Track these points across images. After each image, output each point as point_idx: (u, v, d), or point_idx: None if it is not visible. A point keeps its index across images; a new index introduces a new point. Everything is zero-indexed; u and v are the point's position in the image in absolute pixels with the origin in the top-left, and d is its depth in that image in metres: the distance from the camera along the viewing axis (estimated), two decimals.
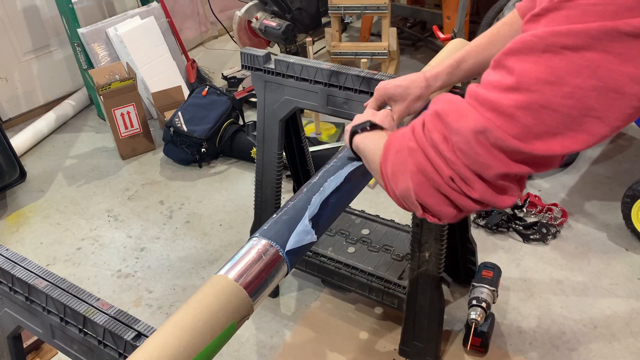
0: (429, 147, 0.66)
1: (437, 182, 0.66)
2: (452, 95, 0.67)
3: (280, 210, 0.93)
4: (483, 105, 0.61)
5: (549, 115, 0.57)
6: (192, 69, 3.53)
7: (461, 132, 0.62)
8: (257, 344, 1.92)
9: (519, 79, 0.58)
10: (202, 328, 0.71)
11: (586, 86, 0.55)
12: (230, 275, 0.79)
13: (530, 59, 0.58)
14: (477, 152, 0.62)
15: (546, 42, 0.56)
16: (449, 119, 0.64)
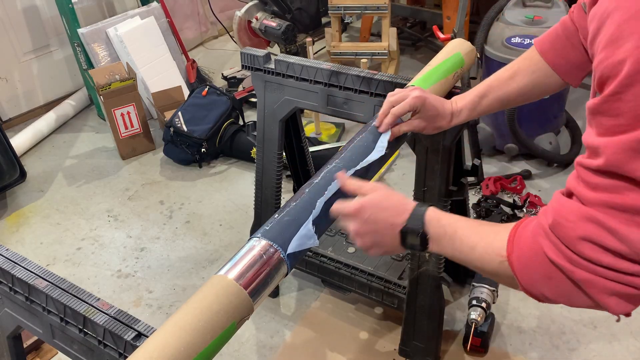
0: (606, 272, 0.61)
1: (635, 294, 0.62)
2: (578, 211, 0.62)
3: (281, 211, 0.93)
4: (626, 212, 0.58)
5: None
6: (192, 69, 3.53)
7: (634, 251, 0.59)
8: (257, 344, 1.92)
9: None
10: (202, 328, 0.71)
11: None
12: (230, 275, 0.79)
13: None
14: None
15: None
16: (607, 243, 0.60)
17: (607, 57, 0.55)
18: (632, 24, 0.52)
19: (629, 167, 0.55)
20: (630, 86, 0.52)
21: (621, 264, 0.60)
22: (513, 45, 2.43)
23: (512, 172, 2.62)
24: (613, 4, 0.55)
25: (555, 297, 0.69)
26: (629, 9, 0.52)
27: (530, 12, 2.47)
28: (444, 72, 1.28)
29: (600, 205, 0.59)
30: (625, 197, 0.57)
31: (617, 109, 0.54)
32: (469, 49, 1.36)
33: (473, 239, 0.79)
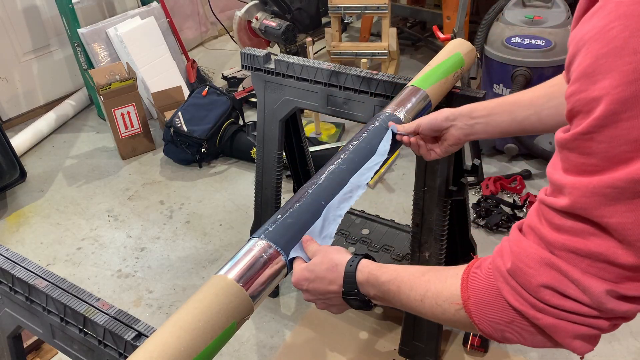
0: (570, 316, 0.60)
1: (601, 333, 0.61)
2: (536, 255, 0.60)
3: (281, 211, 0.93)
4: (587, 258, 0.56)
5: None
6: (192, 69, 3.53)
7: (595, 301, 0.58)
8: (257, 344, 1.92)
9: (622, 234, 0.52)
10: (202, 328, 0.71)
11: None
12: (230, 276, 0.79)
13: (620, 209, 0.51)
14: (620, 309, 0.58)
15: (631, 190, 0.50)
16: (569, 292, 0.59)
17: (580, 90, 0.52)
18: (610, 60, 0.49)
19: (597, 212, 0.53)
20: (605, 127, 0.50)
21: (584, 309, 0.59)
22: (513, 45, 2.43)
23: (512, 172, 2.62)
24: (590, 33, 0.52)
25: (518, 340, 0.66)
26: (607, 43, 0.50)
27: (530, 12, 2.47)
28: (444, 72, 1.28)
29: (562, 250, 0.57)
30: (588, 242, 0.55)
31: (588, 148, 0.52)
32: (469, 49, 1.36)
33: (419, 290, 0.75)
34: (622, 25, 0.48)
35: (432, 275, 0.75)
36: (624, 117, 0.49)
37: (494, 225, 2.29)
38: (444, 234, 1.60)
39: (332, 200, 0.95)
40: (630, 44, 0.48)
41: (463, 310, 0.69)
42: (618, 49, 0.48)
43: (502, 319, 0.65)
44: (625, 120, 0.49)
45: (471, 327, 0.70)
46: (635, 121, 0.48)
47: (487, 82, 2.66)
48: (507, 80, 2.51)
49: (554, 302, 0.60)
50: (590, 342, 0.62)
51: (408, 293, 0.76)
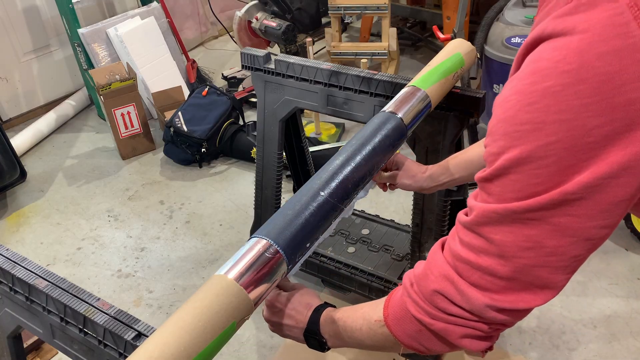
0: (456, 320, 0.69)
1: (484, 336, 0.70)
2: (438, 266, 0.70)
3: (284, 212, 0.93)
4: (478, 270, 0.65)
5: (542, 271, 0.62)
6: (192, 69, 3.53)
7: (474, 311, 0.67)
8: (257, 344, 1.92)
9: (502, 248, 0.63)
10: (202, 328, 0.71)
11: (564, 244, 0.60)
12: (230, 275, 0.79)
13: (503, 229, 0.62)
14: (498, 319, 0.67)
15: (511, 217, 0.61)
16: (455, 299, 0.68)
17: (487, 144, 0.64)
18: (504, 126, 0.61)
19: (486, 228, 0.64)
20: (498, 177, 0.62)
21: (466, 314, 0.68)
22: (513, 45, 2.44)
23: None
24: (499, 98, 0.63)
25: (432, 346, 0.75)
26: (505, 111, 0.61)
27: (530, 12, 2.47)
28: (444, 73, 1.28)
29: (461, 261, 0.67)
30: (479, 258, 0.65)
31: (488, 188, 0.64)
32: (469, 49, 1.36)
33: (358, 321, 0.84)
34: (515, 100, 0.59)
35: (367, 306, 0.85)
36: (511, 171, 0.60)
37: None
38: (443, 234, 1.60)
39: None
40: (518, 116, 0.59)
41: (385, 327, 0.78)
42: (510, 118, 0.60)
43: (413, 329, 0.74)
44: (512, 174, 0.60)
45: (396, 344, 0.78)
46: (519, 176, 0.59)
47: (487, 82, 2.66)
48: (507, 81, 2.51)
49: (442, 306, 0.69)
50: (479, 340, 0.71)
51: (351, 325, 0.85)
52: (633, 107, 0.53)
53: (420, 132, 1.49)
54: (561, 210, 0.58)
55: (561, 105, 0.55)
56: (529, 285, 0.64)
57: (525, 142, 0.58)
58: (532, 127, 0.57)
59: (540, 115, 0.57)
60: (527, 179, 0.59)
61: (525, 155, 0.58)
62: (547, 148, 0.56)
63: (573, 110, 0.55)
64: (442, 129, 1.45)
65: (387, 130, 1.11)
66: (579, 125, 0.54)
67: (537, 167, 0.58)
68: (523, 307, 0.65)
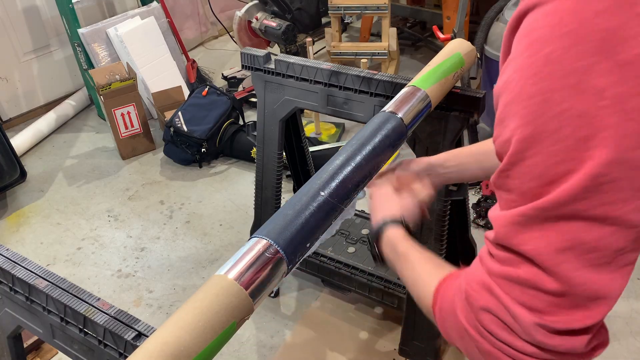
0: (504, 347, 0.62)
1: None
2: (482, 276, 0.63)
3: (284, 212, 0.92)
4: (518, 285, 0.58)
5: (590, 272, 0.55)
6: (192, 69, 3.53)
7: (525, 332, 0.59)
8: (257, 344, 1.92)
9: (539, 260, 0.56)
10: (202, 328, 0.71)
11: (605, 235, 0.54)
12: (230, 275, 0.79)
13: (534, 235, 0.56)
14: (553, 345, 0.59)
15: (539, 217, 0.55)
16: (504, 318, 0.61)
17: (497, 135, 0.59)
18: (512, 107, 0.56)
19: (515, 240, 0.57)
20: (515, 165, 0.56)
21: (517, 341, 0.60)
22: None
23: None
24: (500, 85, 0.59)
25: (468, 355, 0.70)
26: (510, 92, 0.57)
27: None
28: (444, 72, 1.28)
29: (499, 277, 0.60)
30: (518, 269, 0.58)
31: (507, 185, 0.58)
32: (469, 49, 1.36)
33: (414, 276, 0.82)
34: (518, 76, 0.56)
35: (429, 267, 0.81)
36: (527, 154, 0.55)
37: None
38: (444, 234, 1.60)
39: None
40: (525, 91, 0.55)
41: (431, 308, 0.74)
42: (516, 96, 0.56)
43: (456, 333, 0.69)
44: (529, 158, 0.55)
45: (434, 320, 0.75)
46: (537, 158, 0.54)
47: (487, 82, 2.66)
48: None
49: (492, 328, 0.62)
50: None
51: (408, 273, 0.84)
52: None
53: (420, 132, 1.49)
54: (595, 199, 0.52)
55: (565, 69, 0.51)
56: (581, 298, 0.56)
57: (537, 117, 0.53)
58: (541, 99, 0.53)
59: (546, 84, 0.52)
60: (546, 160, 0.53)
61: (539, 130, 0.53)
62: (560, 118, 0.52)
63: (578, 72, 0.51)
64: (442, 129, 1.45)
65: (387, 130, 1.11)
66: (589, 87, 0.50)
67: (552, 142, 0.52)
68: (576, 326, 0.57)
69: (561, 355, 0.60)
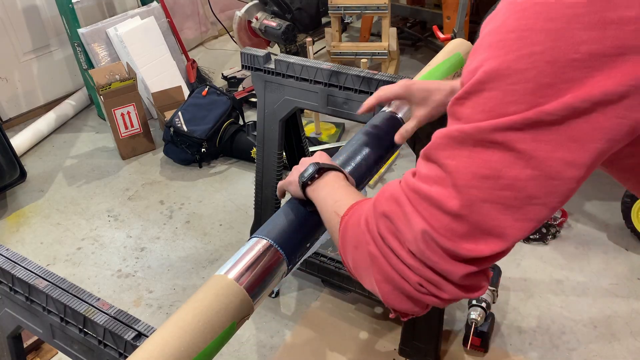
0: (389, 253, 0.63)
1: (406, 289, 0.63)
2: (394, 190, 0.64)
3: (283, 212, 0.93)
4: (424, 201, 0.59)
5: (493, 208, 0.56)
6: (192, 69, 3.53)
7: (412, 240, 0.60)
8: (257, 344, 1.92)
9: (454, 176, 0.56)
10: (202, 328, 0.71)
11: (524, 176, 0.54)
12: (230, 275, 0.79)
13: (463, 153, 0.56)
14: (432, 259, 0.59)
15: (475, 138, 0.55)
16: (398, 224, 0.62)
17: (468, 64, 0.58)
18: (491, 37, 0.56)
19: (443, 152, 0.58)
20: (472, 94, 0.56)
21: (402, 250, 0.61)
22: None
23: None
24: (490, 16, 0.59)
25: (355, 268, 0.70)
26: (495, 22, 0.56)
27: None
28: (444, 72, 1.28)
29: (411, 190, 0.61)
30: (430, 188, 0.59)
31: (459, 113, 0.57)
32: (469, 49, 1.36)
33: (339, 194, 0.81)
34: (506, 8, 0.55)
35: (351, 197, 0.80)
36: (487, 87, 0.54)
37: None
38: None
39: None
40: (506, 24, 0.54)
41: (338, 228, 0.74)
42: (497, 27, 0.55)
43: (352, 241, 0.69)
44: (487, 91, 0.54)
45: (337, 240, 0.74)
46: (494, 92, 0.54)
47: None
48: None
49: (385, 234, 0.63)
50: (401, 294, 0.63)
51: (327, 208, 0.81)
52: (626, 27, 0.49)
53: (420, 132, 1.49)
54: (531, 133, 0.53)
55: (551, 12, 0.51)
56: (476, 227, 0.56)
57: (508, 52, 0.53)
58: (517, 35, 0.53)
59: (528, 22, 0.52)
60: (502, 97, 0.53)
61: (505, 66, 0.53)
62: (530, 59, 0.52)
63: (563, 19, 0.51)
64: None
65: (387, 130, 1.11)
66: (567, 36, 0.50)
67: (514, 81, 0.52)
68: (464, 253, 0.57)
69: (436, 275, 0.60)
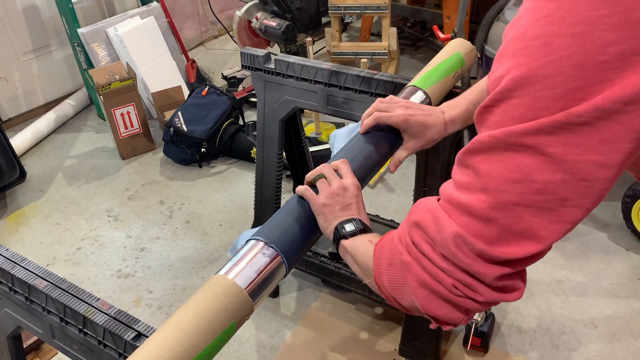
0: (422, 258, 0.65)
1: (441, 292, 0.64)
2: (428, 201, 0.66)
3: (283, 212, 0.93)
4: (457, 209, 0.61)
5: (525, 211, 0.57)
6: (192, 69, 3.53)
7: (443, 244, 0.62)
8: (257, 344, 1.92)
9: (486, 180, 0.58)
10: (202, 328, 0.71)
11: (555, 180, 0.55)
12: (230, 276, 0.79)
13: (494, 158, 0.57)
14: (464, 261, 0.61)
15: (505, 142, 0.56)
16: (429, 230, 0.63)
17: (493, 71, 0.59)
18: (514, 44, 0.56)
19: (477, 157, 0.59)
20: (500, 102, 0.56)
21: (434, 254, 0.63)
22: None
23: None
24: (512, 23, 0.59)
25: (391, 287, 0.70)
26: (518, 29, 0.56)
27: None
28: (444, 72, 1.28)
29: (445, 201, 0.63)
30: (462, 195, 0.60)
31: (488, 121, 0.58)
32: (469, 48, 1.36)
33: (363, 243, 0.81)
34: (528, 15, 0.55)
35: None
36: (515, 94, 0.55)
37: None
38: None
39: None
40: (530, 30, 0.54)
41: (372, 255, 0.75)
42: (521, 34, 0.55)
43: (387, 258, 0.71)
44: (516, 97, 0.55)
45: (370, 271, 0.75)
46: (523, 99, 0.54)
47: None
48: None
49: (417, 240, 0.65)
50: (437, 299, 0.65)
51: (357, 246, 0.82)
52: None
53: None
54: (561, 136, 0.53)
55: (576, 16, 0.51)
56: (507, 230, 0.57)
57: (534, 59, 0.53)
58: (542, 42, 0.53)
59: (552, 28, 0.52)
60: (531, 103, 0.53)
61: (533, 73, 0.53)
62: (557, 64, 0.52)
63: (588, 22, 0.50)
64: None
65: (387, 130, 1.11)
66: (594, 39, 0.50)
67: (542, 87, 0.52)
68: (497, 255, 0.58)
69: (470, 277, 0.62)
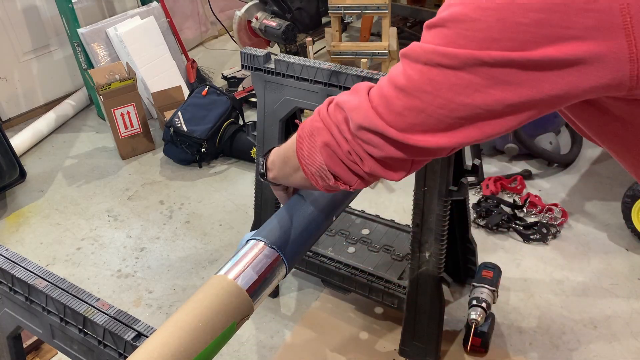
0: (333, 126, 0.74)
1: (339, 154, 0.74)
2: (360, 86, 0.73)
3: (282, 213, 0.93)
4: (381, 99, 0.68)
5: (427, 119, 0.65)
6: (192, 69, 3.53)
7: (355, 121, 0.70)
8: (257, 344, 1.92)
9: (407, 83, 0.66)
10: (202, 328, 0.71)
11: (457, 101, 0.62)
12: (230, 276, 0.79)
13: (417, 67, 0.65)
14: (365, 138, 0.70)
15: (428, 57, 0.63)
16: (346, 107, 0.72)
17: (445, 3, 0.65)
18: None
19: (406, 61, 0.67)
20: (436, 26, 0.64)
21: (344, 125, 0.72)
22: None
23: (512, 172, 2.62)
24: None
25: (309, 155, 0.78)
26: None
27: None
28: None
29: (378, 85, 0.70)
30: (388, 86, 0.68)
31: (424, 37, 0.66)
32: None
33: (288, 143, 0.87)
34: None
35: None
36: (446, 25, 0.62)
37: (494, 225, 2.28)
38: (444, 234, 1.59)
39: None
40: None
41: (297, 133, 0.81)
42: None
43: (307, 130, 0.78)
44: (446, 28, 0.62)
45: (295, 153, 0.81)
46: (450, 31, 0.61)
47: None
48: None
49: (333, 112, 0.74)
50: (333, 159, 0.74)
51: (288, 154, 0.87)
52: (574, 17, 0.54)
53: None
54: (471, 68, 0.60)
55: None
56: (410, 127, 0.66)
57: (469, 3, 0.60)
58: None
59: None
60: (454, 36, 0.61)
61: (464, 13, 0.60)
62: (483, 13, 0.58)
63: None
64: None
65: None
66: (522, 2, 0.56)
67: (467, 28, 0.60)
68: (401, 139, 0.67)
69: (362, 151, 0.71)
